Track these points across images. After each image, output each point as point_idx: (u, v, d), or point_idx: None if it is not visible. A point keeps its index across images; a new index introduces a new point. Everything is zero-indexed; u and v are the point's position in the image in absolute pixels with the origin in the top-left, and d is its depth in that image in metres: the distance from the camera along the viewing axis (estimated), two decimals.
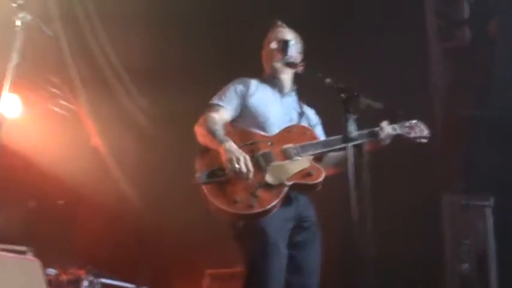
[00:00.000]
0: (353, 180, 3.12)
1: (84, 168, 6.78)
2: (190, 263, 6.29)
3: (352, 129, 3.29)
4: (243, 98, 3.83)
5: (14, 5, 4.02)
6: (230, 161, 3.43)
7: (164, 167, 6.66)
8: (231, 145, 3.50)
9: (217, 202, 3.44)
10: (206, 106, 3.81)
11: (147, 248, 6.69)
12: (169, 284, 6.30)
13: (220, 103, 3.80)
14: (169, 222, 6.45)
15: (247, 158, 3.46)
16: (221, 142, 3.53)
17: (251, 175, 3.44)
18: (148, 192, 6.87)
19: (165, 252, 6.63)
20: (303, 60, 3.92)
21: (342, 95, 3.29)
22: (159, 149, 6.78)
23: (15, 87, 4.00)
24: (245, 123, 3.78)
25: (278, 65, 3.89)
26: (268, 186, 3.46)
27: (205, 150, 3.61)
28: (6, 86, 3.91)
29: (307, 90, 3.97)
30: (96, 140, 6.93)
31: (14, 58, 3.95)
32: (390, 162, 5.00)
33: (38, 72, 6.57)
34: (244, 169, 3.41)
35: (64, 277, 5.91)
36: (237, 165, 3.41)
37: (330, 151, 3.71)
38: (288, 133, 3.72)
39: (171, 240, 6.54)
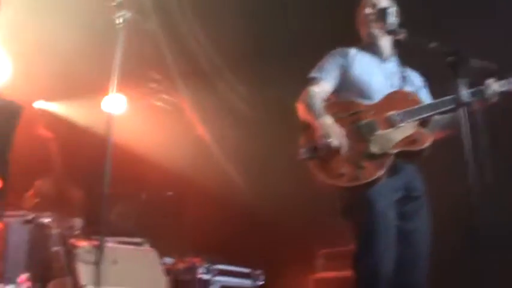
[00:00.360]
0: (469, 145, 3.01)
1: (190, 158, 6.95)
2: (302, 243, 6.30)
3: (463, 92, 3.17)
4: (343, 68, 3.78)
5: (113, 3, 4.12)
6: (323, 136, 3.44)
7: (266, 151, 6.71)
8: (326, 120, 3.49)
9: (322, 176, 3.45)
10: (306, 80, 3.80)
11: (258, 231, 6.74)
12: (282, 266, 6.32)
13: (319, 75, 3.77)
14: (276, 203, 6.50)
15: (342, 132, 3.46)
16: (316, 117, 3.52)
17: (343, 150, 3.43)
18: (253, 177, 6.94)
19: (276, 234, 6.67)
20: (401, 23, 3.83)
21: (450, 58, 3.17)
22: (260, 134, 6.81)
23: (120, 85, 4.12)
24: (347, 93, 3.73)
25: (376, 31, 3.80)
26: (373, 156, 3.43)
27: (308, 125, 3.60)
28: (113, 85, 4.02)
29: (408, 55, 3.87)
30: (200, 130, 7.08)
31: (118, 57, 4.05)
32: (506, 124, 4.78)
33: (138, 68, 6.76)
34: (335, 144, 3.41)
35: (181, 265, 6.07)
36: (328, 141, 3.40)
37: (434, 114, 3.60)
38: (390, 100, 3.63)
39: (281, 221, 6.58)
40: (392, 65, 3.85)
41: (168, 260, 6.05)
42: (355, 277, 3.47)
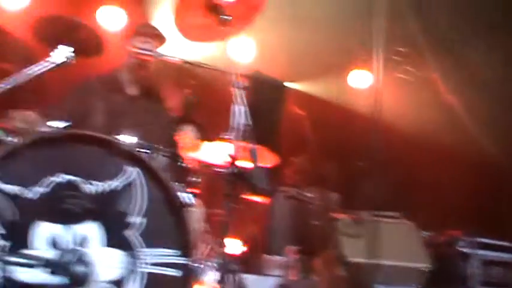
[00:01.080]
0: None
1: (440, 129, 6.85)
2: None
3: None
4: None
5: None
6: None
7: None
8: None
9: None
10: None
11: None
12: None
13: None
14: None
15: None
16: None
17: None
18: (508, 146, 6.63)
19: None
20: None
21: None
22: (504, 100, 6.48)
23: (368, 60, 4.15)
24: None
25: None
26: None
27: None
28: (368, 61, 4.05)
29: None
30: (450, 100, 6.94)
31: (376, 31, 4.05)
32: None
33: (384, 43, 6.76)
34: None
35: (440, 238, 6.04)
36: None
37: None
38: None
39: None
40: None
41: (426, 234, 6.05)
42: None
